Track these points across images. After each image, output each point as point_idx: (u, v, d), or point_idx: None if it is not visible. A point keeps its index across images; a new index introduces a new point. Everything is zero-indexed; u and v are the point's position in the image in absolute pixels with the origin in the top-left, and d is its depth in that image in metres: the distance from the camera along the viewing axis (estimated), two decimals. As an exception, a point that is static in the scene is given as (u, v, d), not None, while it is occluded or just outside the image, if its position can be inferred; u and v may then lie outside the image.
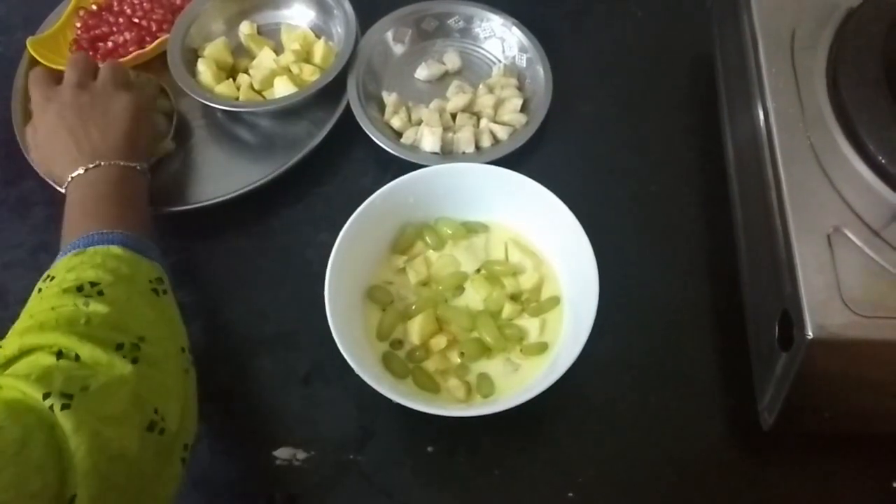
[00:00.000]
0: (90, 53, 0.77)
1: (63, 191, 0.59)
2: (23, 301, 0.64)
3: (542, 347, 0.57)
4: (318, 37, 0.77)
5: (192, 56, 0.75)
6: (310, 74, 0.73)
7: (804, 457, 0.54)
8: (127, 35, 0.77)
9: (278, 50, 0.75)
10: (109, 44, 0.77)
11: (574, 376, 0.51)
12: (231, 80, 0.74)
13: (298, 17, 0.79)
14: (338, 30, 0.76)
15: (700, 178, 0.67)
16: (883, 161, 0.48)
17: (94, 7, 0.80)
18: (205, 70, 0.73)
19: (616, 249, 0.58)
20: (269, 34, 0.78)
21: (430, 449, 0.56)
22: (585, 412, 0.57)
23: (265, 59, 0.74)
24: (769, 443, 0.54)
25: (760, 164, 0.52)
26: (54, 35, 0.77)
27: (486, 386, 0.55)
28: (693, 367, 0.59)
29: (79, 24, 0.78)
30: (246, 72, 0.75)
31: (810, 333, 0.43)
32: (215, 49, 0.75)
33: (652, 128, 0.71)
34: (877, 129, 0.49)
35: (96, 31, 0.78)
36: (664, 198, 0.67)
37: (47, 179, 0.66)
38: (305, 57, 0.75)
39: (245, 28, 0.78)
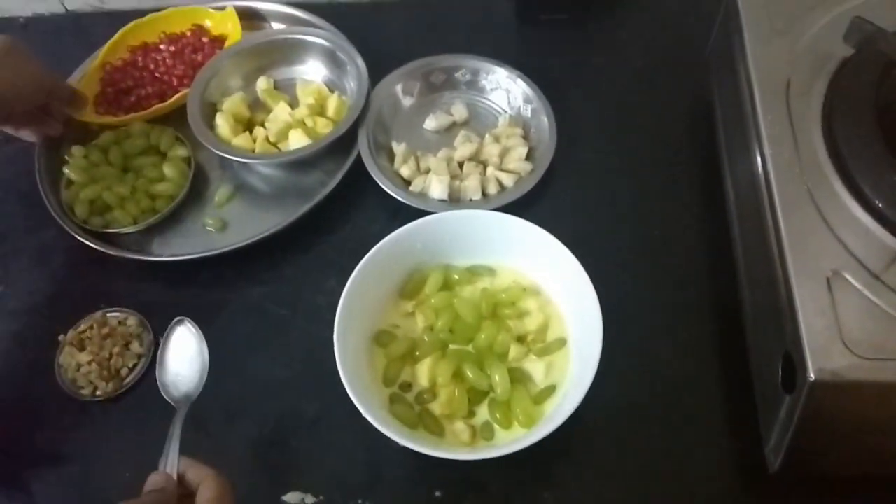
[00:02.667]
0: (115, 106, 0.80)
1: None
2: (41, 349, 0.66)
3: (549, 391, 0.57)
4: (331, 91, 0.79)
5: (210, 110, 0.78)
6: (323, 127, 0.76)
7: (811, 500, 0.54)
8: (149, 89, 0.80)
9: (293, 104, 0.78)
10: (133, 97, 0.80)
11: (580, 419, 0.51)
12: (248, 132, 0.76)
13: (313, 73, 0.82)
14: (350, 84, 0.79)
15: (702, 222, 0.68)
16: (880, 205, 0.48)
17: (120, 62, 0.83)
18: (222, 123, 0.76)
19: (621, 293, 0.59)
20: (285, 89, 0.82)
21: (437, 494, 0.56)
22: (591, 455, 0.57)
23: (281, 112, 0.77)
24: (776, 486, 0.53)
25: (759, 209, 0.53)
26: (81, 89, 0.80)
27: (491, 430, 0.56)
28: (699, 409, 0.59)
29: (104, 79, 0.82)
30: (262, 125, 0.77)
31: (812, 375, 0.44)
32: (233, 103, 0.78)
33: (654, 174, 0.72)
34: (872, 174, 0.50)
35: (121, 86, 0.81)
36: (667, 242, 0.68)
37: None
38: (319, 110, 0.77)
39: (262, 83, 0.81)
